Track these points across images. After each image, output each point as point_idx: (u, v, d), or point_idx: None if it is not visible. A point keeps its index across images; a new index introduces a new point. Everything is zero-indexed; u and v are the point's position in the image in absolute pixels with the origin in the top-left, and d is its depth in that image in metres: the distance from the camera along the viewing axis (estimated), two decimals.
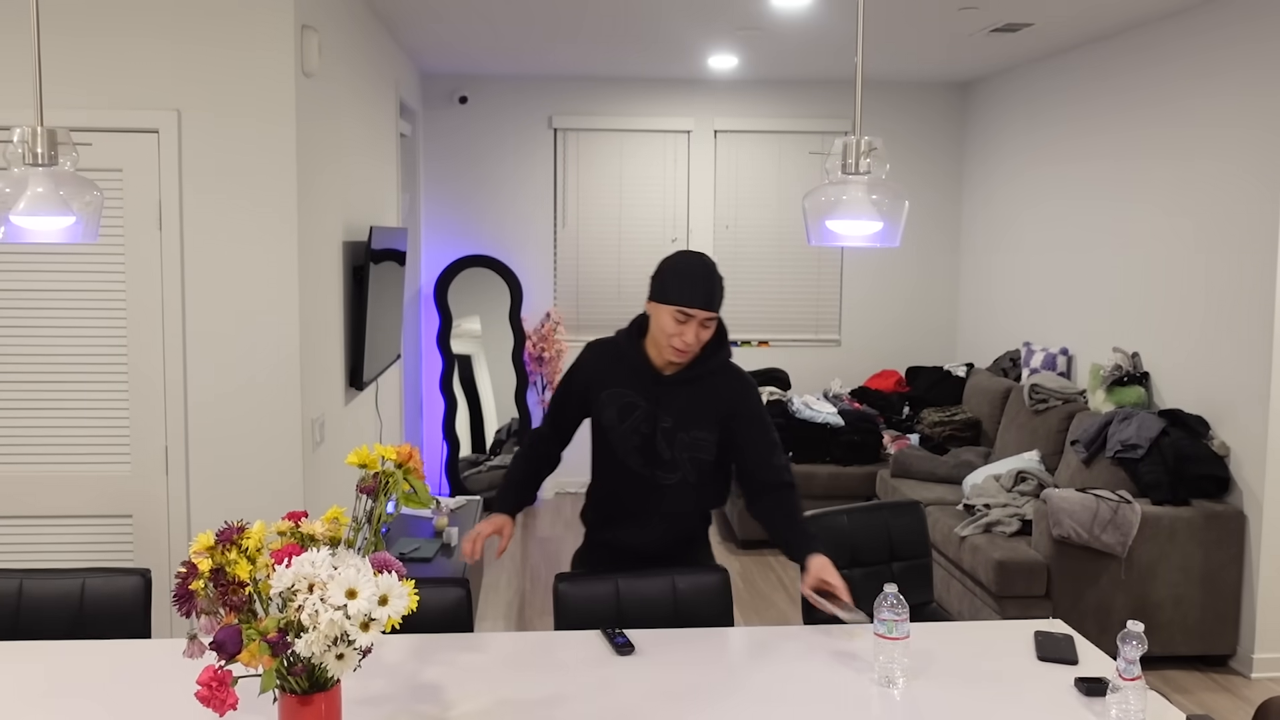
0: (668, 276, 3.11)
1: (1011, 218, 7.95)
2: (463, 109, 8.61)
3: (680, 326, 3.09)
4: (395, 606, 2.03)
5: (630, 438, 3.24)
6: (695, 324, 3.09)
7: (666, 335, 3.11)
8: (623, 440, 3.25)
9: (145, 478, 4.43)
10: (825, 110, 8.81)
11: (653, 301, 3.14)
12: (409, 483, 2.30)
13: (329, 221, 5.01)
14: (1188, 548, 5.18)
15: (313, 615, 1.97)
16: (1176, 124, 5.88)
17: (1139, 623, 2.39)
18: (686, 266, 3.11)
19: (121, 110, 4.30)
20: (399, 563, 2.12)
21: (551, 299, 8.79)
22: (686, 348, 3.12)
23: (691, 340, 3.11)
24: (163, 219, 4.34)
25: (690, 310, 3.07)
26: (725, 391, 3.25)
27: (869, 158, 2.59)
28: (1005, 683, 2.67)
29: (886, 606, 2.63)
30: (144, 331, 4.37)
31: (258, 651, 2.00)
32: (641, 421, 3.23)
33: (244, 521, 2.13)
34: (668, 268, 3.13)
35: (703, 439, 3.25)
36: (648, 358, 3.23)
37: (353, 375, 5.45)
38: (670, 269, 3.12)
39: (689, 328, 3.09)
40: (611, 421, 3.26)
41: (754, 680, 2.67)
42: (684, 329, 3.09)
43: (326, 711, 2.12)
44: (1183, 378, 5.80)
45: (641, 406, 3.22)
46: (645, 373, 3.23)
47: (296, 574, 2.02)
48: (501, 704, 2.51)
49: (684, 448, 3.24)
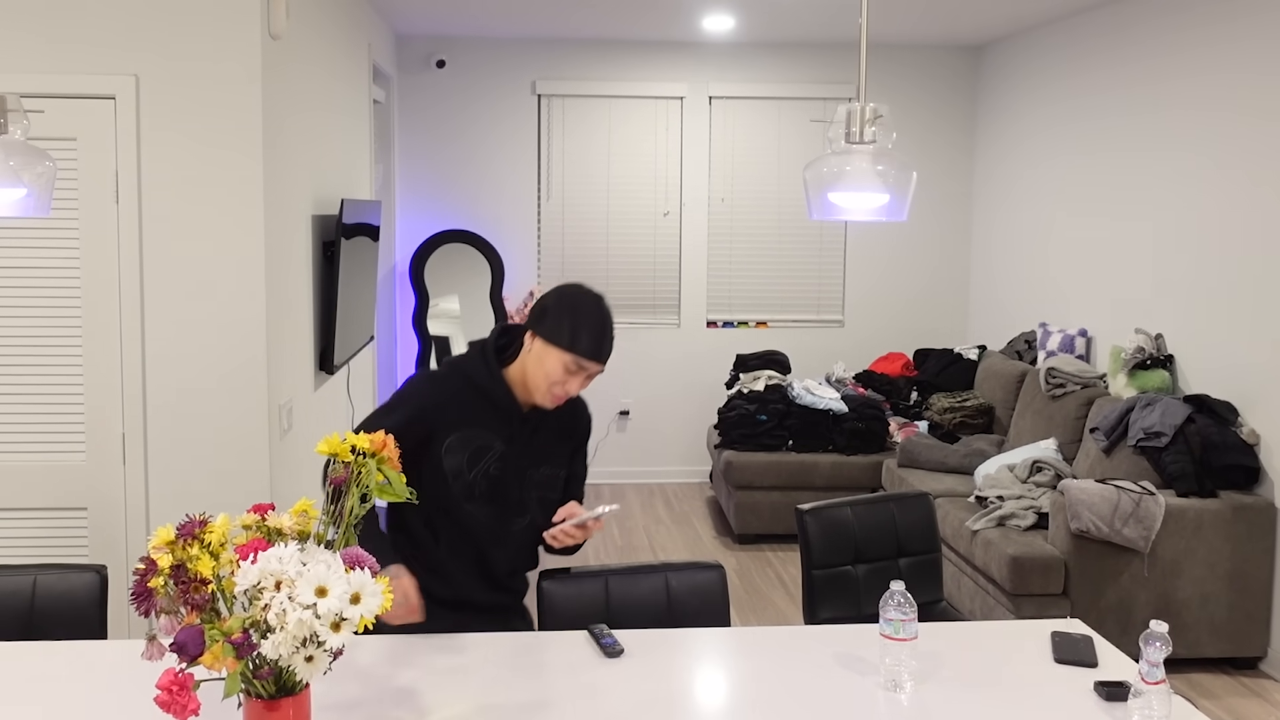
0: (568, 319, 2.91)
1: (1027, 190, 7.95)
2: (440, 74, 8.58)
3: (569, 377, 2.93)
4: (368, 605, 2.03)
5: (479, 484, 3.04)
6: (584, 376, 2.94)
7: (549, 382, 2.93)
8: (468, 488, 3.04)
9: (101, 468, 4.42)
10: (828, 75, 8.79)
11: (541, 340, 2.93)
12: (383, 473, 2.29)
13: (297, 194, 5.00)
14: (1215, 542, 5.20)
15: (280, 615, 1.97)
16: (1205, 90, 5.88)
17: (1163, 623, 2.40)
18: (592, 312, 2.93)
19: (75, 75, 4.28)
20: (372, 559, 2.12)
21: (535, 277, 8.78)
22: (566, 397, 2.98)
23: (575, 391, 2.96)
24: (120, 191, 4.32)
25: (586, 363, 2.91)
26: (573, 421, 3.19)
27: (874, 126, 2.58)
28: (1020, 687, 2.68)
29: (893, 605, 2.63)
30: (100, 311, 4.36)
31: (221, 653, 1.99)
32: (493, 464, 3.04)
33: (207, 515, 2.13)
34: (569, 308, 2.92)
35: (554, 475, 3.16)
36: (510, 391, 3.04)
37: (323, 358, 5.44)
38: (572, 310, 2.92)
39: (577, 380, 2.94)
40: (457, 468, 3.02)
41: (751, 684, 2.67)
42: (571, 380, 2.94)
43: (295, 718, 2.11)
44: (1210, 361, 5.81)
45: (495, 448, 3.04)
46: (507, 410, 3.04)
47: (263, 570, 2.01)
48: (482, 710, 2.50)
49: (535, 486, 3.12)
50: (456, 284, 8.57)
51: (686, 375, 8.98)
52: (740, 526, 7.31)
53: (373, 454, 2.28)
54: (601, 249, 8.83)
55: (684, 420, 9.03)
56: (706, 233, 8.85)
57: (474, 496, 3.05)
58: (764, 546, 7.35)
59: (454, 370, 3.06)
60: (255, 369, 4.45)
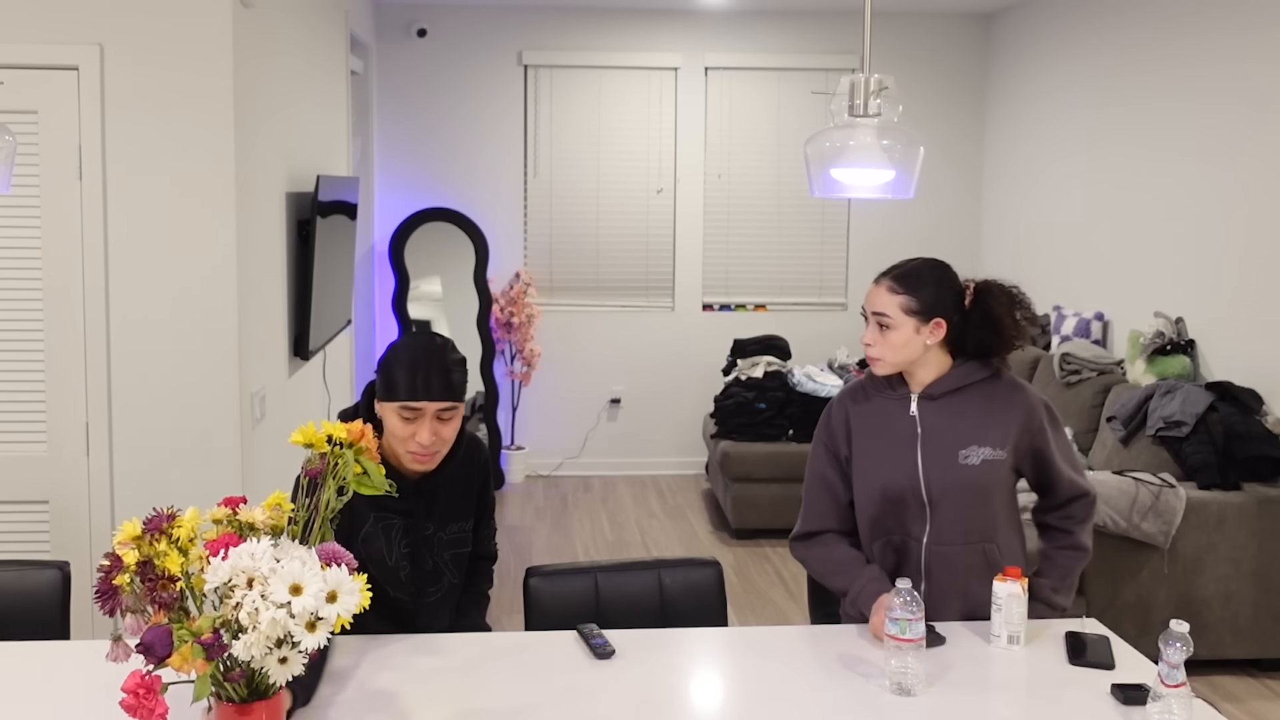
0: (387, 371, 2.92)
1: (1040, 166, 7.95)
2: (421, 43, 8.56)
3: (410, 426, 2.90)
4: (345, 604, 2.03)
5: (401, 565, 3.08)
6: (429, 419, 2.91)
7: (399, 440, 2.92)
8: (392, 572, 3.07)
9: (63, 459, 4.41)
10: (830, 45, 8.78)
11: (379, 402, 2.97)
12: (360, 464, 2.29)
13: (270, 170, 4.98)
14: (1239, 537, 5.21)
15: (252, 614, 1.97)
16: (1236, 49, 5.88)
17: (1183, 622, 2.40)
18: (408, 352, 2.91)
19: (36, 45, 4.26)
20: (349, 554, 2.12)
21: (521, 258, 8.77)
22: (426, 449, 2.93)
23: (428, 440, 2.91)
24: (83, 168, 4.31)
25: (415, 405, 2.88)
26: (469, 468, 3.19)
27: (879, 98, 2.58)
28: (1033, 690, 2.68)
29: (899, 604, 2.63)
30: (62, 294, 4.34)
31: (190, 655, 1.99)
32: (401, 540, 3.06)
33: (175, 508, 2.12)
34: (389, 361, 2.93)
35: (462, 529, 3.18)
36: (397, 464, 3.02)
37: (297, 343, 5.43)
38: (391, 362, 2.92)
39: (421, 426, 2.90)
40: (381, 553, 3.04)
41: (750, 688, 2.68)
42: (416, 428, 2.90)
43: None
44: (1233, 346, 5.81)
45: (396, 523, 3.05)
46: (399, 484, 3.00)
47: (234, 567, 2.01)
48: (465, 714, 2.50)
49: (445, 548, 3.14)
50: (438, 265, 8.56)
51: (681, 361, 8.98)
52: (738, 520, 7.31)
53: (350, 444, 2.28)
54: (591, 228, 8.82)
55: (678, 409, 9.03)
56: (702, 211, 8.85)
57: (396, 581, 3.08)
58: (763, 542, 7.36)
59: None
60: (226, 355, 4.44)
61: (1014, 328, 3.10)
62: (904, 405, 3.16)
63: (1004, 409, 3.13)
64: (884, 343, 3.10)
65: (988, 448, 3.09)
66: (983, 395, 3.14)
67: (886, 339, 3.09)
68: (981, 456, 3.09)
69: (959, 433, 3.11)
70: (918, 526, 3.13)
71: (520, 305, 8.51)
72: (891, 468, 3.13)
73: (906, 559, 3.16)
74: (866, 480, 3.17)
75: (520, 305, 8.51)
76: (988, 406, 3.13)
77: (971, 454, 3.09)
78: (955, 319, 3.11)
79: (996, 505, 3.13)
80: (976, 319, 3.11)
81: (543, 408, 8.91)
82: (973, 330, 3.11)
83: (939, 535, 3.12)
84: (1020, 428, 3.13)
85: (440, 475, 3.09)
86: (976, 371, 3.15)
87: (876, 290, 3.12)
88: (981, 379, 3.15)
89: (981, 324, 3.11)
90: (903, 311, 3.07)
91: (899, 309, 3.07)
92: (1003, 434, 3.11)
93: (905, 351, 3.09)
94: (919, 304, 3.07)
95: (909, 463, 3.12)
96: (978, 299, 3.12)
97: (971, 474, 3.08)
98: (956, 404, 3.13)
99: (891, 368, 3.13)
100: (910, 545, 3.15)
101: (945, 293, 3.10)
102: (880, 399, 3.20)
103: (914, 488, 3.11)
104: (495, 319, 8.56)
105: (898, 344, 3.08)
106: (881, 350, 3.11)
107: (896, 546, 3.17)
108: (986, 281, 3.14)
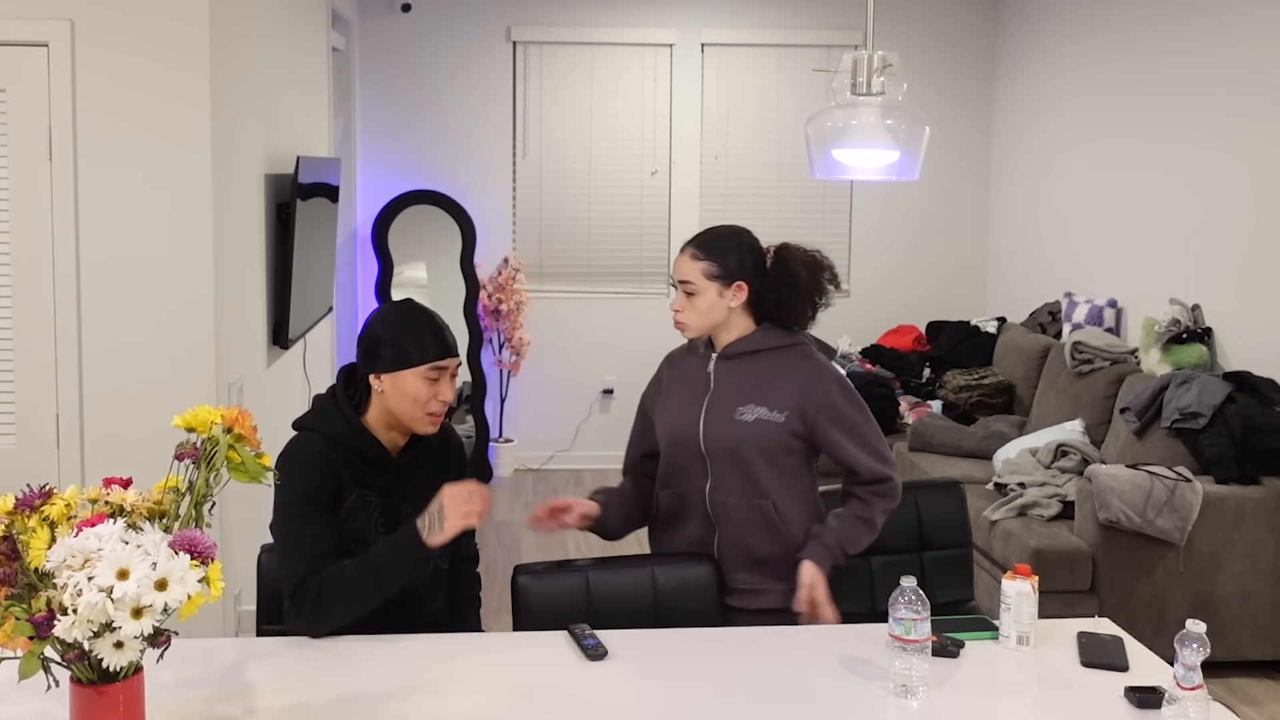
0: (398, 339, 3.05)
1: (1051, 147, 7.95)
2: (405, 18, 8.54)
3: (435, 386, 3.06)
4: (174, 593, 2.06)
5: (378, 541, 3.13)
6: (449, 375, 3.10)
7: (421, 403, 3.05)
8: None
9: (32, 451, 4.40)
10: (832, 20, 8.77)
11: (389, 373, 3.05)
12: (236, 452, 2.30)
13: (248, 151, 4.97)
14: (1257, 534, 5.21)
15: (74, 596, 2.00)
16: (1246, 40, 5.87)
17: (1200, 622, 2.40)
18: (414, 320, 3.09)
19: (4, 20, 4.24)
20: (209, 542, 2.14)
21: (510, 242, 8.76)
22: (445, 408, 3.11)
23: (451, 394, 3.10)
24: (53, 148, 4.30)
25: (443, 363, 3.06)
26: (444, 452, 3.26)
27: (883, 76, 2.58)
28: (1043, 693, 2.69)
29: (903, 603, 2.63)
30: (31, 279, 4.34)
31: (13, 631, 2.03)
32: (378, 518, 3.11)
33: (51, 486, 2.17)
34: (395, 327, 3.07)
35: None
36: (378, 440, 3.12)
37: (276, 331, 5.43)
38: (399, 327, 3.07)
39: (444, 383, 3.08)
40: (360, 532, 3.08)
41: (747, 689, 2.68)
42: (440, 386, 3.07)
43: (126, 705, 2.16)
44: (1251, 334, 5.82)
45: (374, 500, 3.12)
46: (380, 462, 3.12)
47: (72, 548, 2.05)
48: (451, 716, 2.51)
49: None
50: (423, 250, 8.55)
51: None
52: None
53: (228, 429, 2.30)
54: (583, 211, 8.81)
55: None
56: (698, 193, 8.84)
57: None
58: None
59: (314, 439, 3.08)
60: (202, 343, 4.44)
61: (812, 284, 3.37)
62: (705, 364, 3.43)
63: (788, 374, 3.35)
64: (690, 308, 3.35)
65: (764, 408, 3.31)
66: (775, 361, 3.37)
67: (692, 304, 3.34)
68: (756, 415, 3.30)
69: (742, 392, 3.34)
70: (700, 478, 3.37)
71: (509, 292, 8.51)
72: (680, 420, 3.41)
73: (690, 506, 3.42)
74: (661, 431, 3.50)
75: (509, 292, 8.51)
76: (775, 371, 3.36)
77: (747, 411, 3.31)
78: (757, 282, 3.37)
79: (771, 465, 3.33)
80: (775, 278, 3.38)
81: (532, 399, 8.90)
82: (771, 289, 3.37)
83: (718, 486, 3.36)
84: (802, 394, 3.33)
85: (415, 451, 3.18)
86: (776, 339, 3.38)
87: (681, 258, 3.40)
88: (779, 346, 3.38)
89: (780, 282, 3.37)
90: (705, 277, 3.33)
91: (701, 274, 3.33)
92: (782, 398, 3.33)
93: (710, 315, 3.35)
94: (720, 269, 3.33)
95: (693, 416, 3.38)
96: (777, 259, 3.41)
97: (743, 429, 3.30)
98: (748, 365, 3.37)
99: (698, 331, 3.38)
100: (694, 494, 3.40)
101: (746, 256, 3.39)
102: (691, 359, 3.49)
103: (694, 439, 3.36)
104: (483, 306, 8.55)
105: (702, 308, 3.33)
106: (688, 316, 3.36)
107: (682, 494, 3.44)
108: (786, 244, 3.44)
